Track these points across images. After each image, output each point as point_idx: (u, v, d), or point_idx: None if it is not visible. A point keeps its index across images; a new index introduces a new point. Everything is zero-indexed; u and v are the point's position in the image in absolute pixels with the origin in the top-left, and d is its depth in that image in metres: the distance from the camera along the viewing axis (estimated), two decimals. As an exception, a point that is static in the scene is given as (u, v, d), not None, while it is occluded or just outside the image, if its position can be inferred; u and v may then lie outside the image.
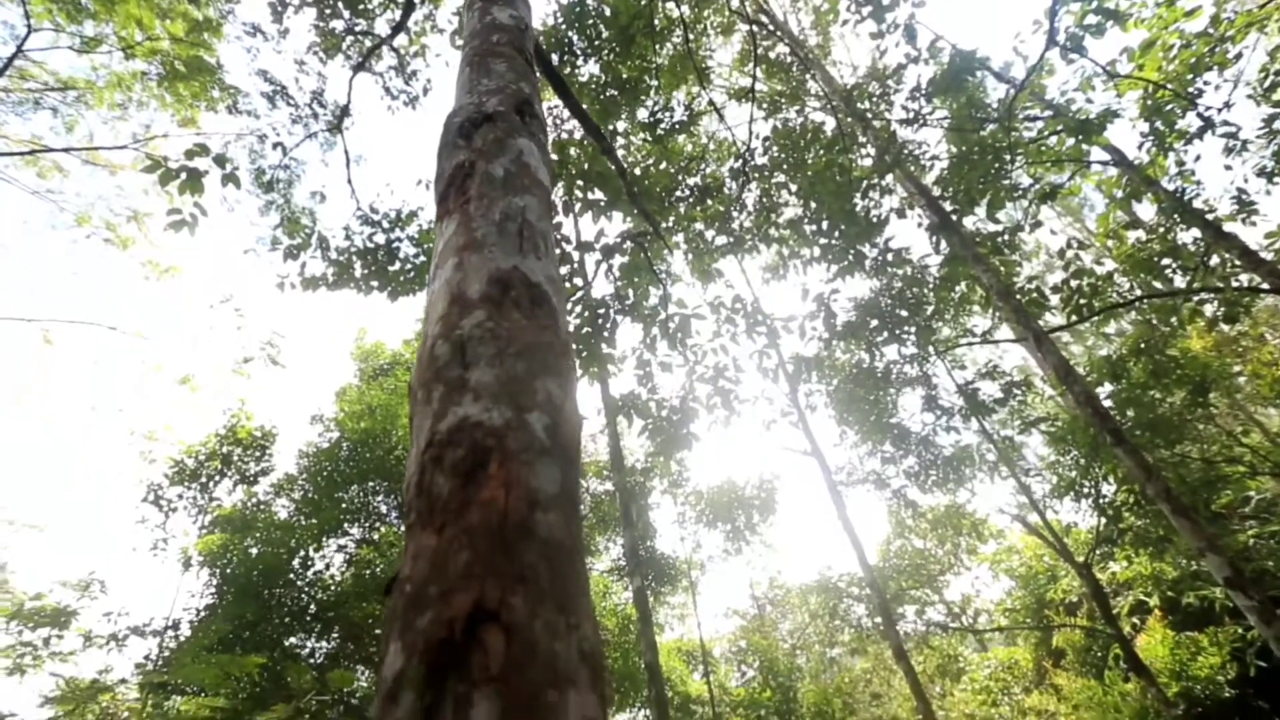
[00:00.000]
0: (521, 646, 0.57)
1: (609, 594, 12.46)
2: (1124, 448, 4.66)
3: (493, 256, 1.00)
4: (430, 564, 0.64)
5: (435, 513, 0.69)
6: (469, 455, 0.73)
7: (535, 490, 0.70)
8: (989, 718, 12.29)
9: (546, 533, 0.68)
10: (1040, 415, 9.73)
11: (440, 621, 0.58)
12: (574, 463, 0.78)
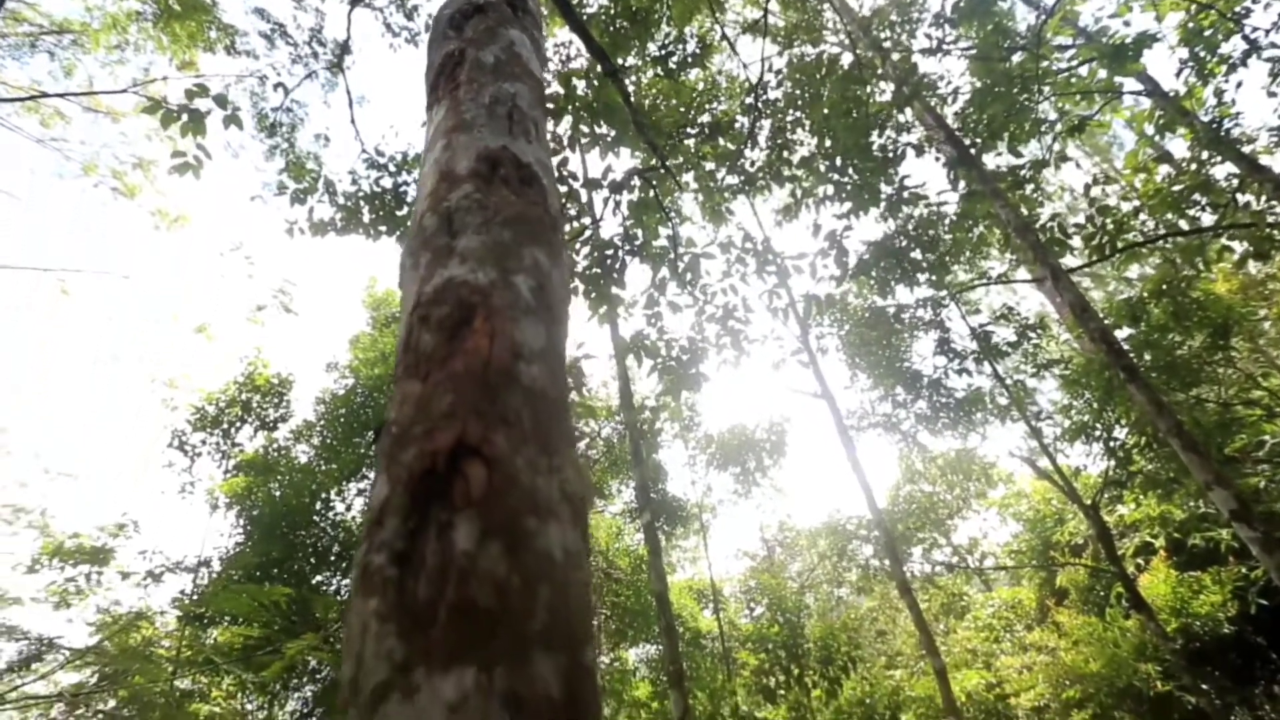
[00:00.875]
0: (502, 477, 0.58)
1: (622, 535, 12.79)
2: (1136, 384, 4.61)
3: (481, 137, 0.98)
4: (415, 407, 0.65)
5: (421, 364, 0.70)
6: (454, 311, 0.73)
7: (520, 343, 0.71)
8: (990, 652, 12.64)
9: (530, 382, 0.68)
10: (1054, 358, 9.62)
11: (424, 454, 0.59)
12: (560, 323, 0.78)
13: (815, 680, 11.69)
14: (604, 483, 12.24)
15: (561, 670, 0.49)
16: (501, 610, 0.50)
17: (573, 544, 0.59)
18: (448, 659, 0.47)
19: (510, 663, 0.47)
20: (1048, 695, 11.13)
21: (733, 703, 11.62)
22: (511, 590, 0.51)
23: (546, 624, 0.51)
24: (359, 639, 0.49)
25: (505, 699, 0.45)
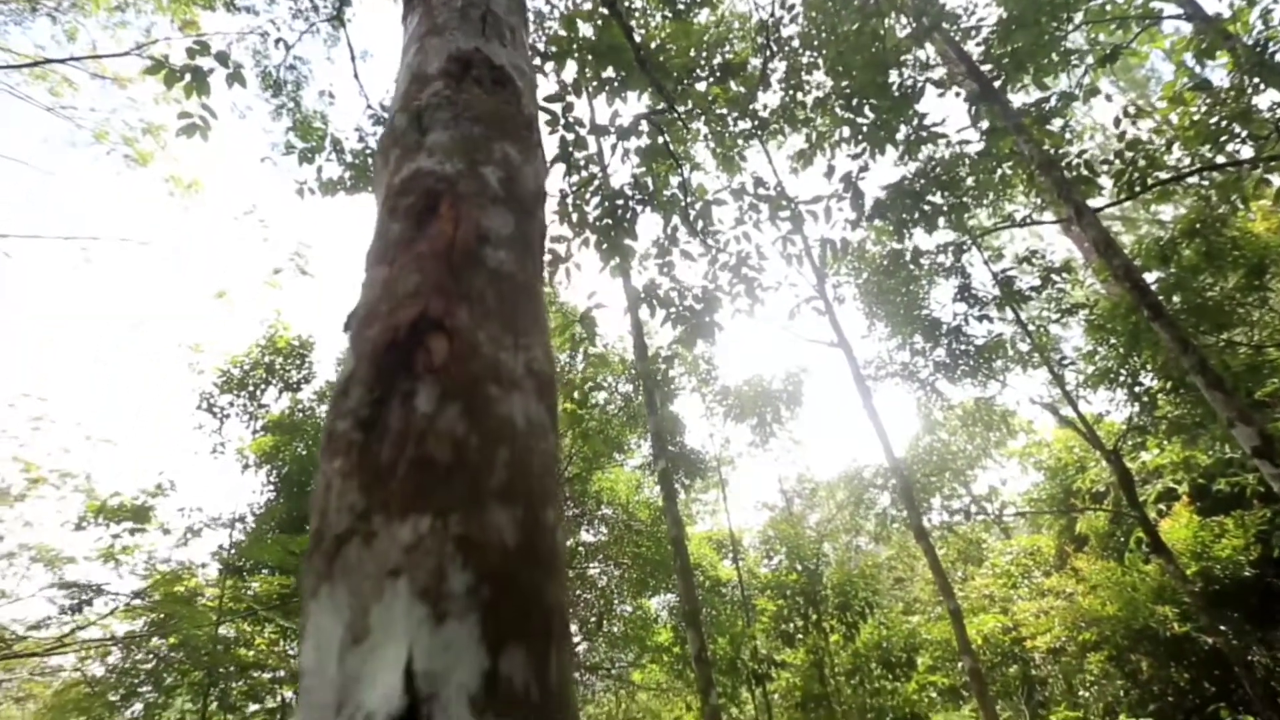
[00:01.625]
0: (463, 346, 0.59)
1: (641, 487, 13.02)
2: (1161, 322, 4.49)
3: (453, 39, 0.96)
4: (382, 288, 0.65)
5: (388, 251, 0.70)
6: (420, 200, 0.72)
7: (486, 228, 0.70)
8: (1007, 598, 12.78)
9: (496, 265, 0.68)
10: (1079, 302, 9.38)
11: (387, 328, 0.60)
12: (531, 217, 0.77)
13: (833, 625, 11.95)
14: (622, 437, 12.38)
15: (518, 522, 0.50)
16: (458, 464, 0.51)
17: (536, 415, 0.59)
18: (404, 508, 0.48)
19: (466, 511, 0.49)
20: (1064, 638, 11.27)
21: (752, 646, 11.96)
22: (469, 448, 0.52)
23: (505, 481, 0.52)
24: (323, 496, 0.51)
25: (459, 542, 0.47)
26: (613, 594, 13.83)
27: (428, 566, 0.45)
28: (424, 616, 0.43)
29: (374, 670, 0.42)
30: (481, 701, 0.41)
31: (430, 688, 0.41)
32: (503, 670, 0.43)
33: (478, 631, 0.43)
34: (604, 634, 14.24)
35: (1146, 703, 10.09)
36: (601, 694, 16.26)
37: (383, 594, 0.44)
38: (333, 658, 0.43)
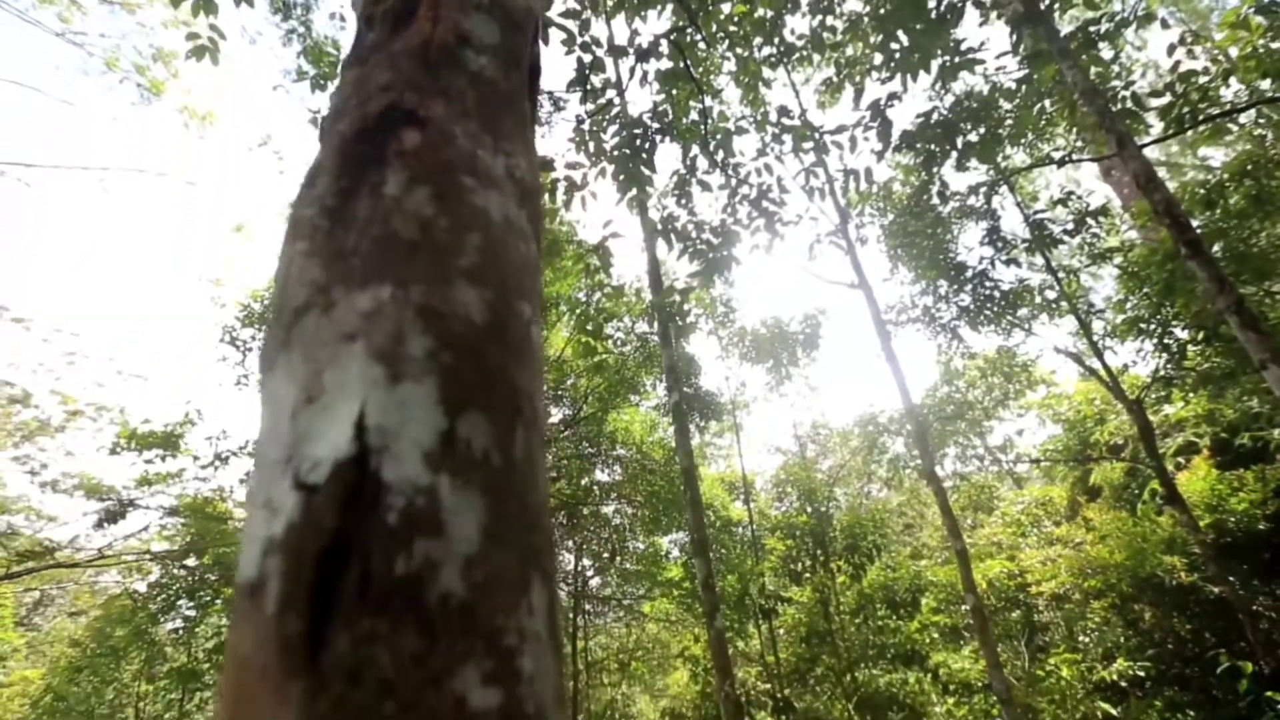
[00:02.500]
0: (438, 136, 0.55)
1: (656, 428, 13.16)
2: (1199, 260, 4.30)
3: None
4: (352, 86, 0.61)
5: (361, 55, 0.65)
6: (398, 4, 0.67)
7: (467, 31, 0.65)
8: (1015, 546, 12.89)
9: (478, 69, 0.63)
10: (1113, 246, 9.04)
11: (356, 119, 0.56)
12: (518, 29, 0.71)
13: (840, 566, 12.21)
14: (638, 378, 12.43)
15: (488, 303, 0.47)
16: (424, 242, 0.48)
17: (515, 217, 0.56)
18: (366, 279, 0.46)
19: (430, 284, 0.46)
20: (1068, 585, 11.39)
21: (760, 583, 12.29)
22: (437, 228, 0.49)
23: (476, 264, 0.49)
24: (284, 276, 0.49)
25: (420, 310, 0.44)
26: (626, 531, 14.21)
27: (386, 330, 0.43)
28: (379, 376, 0.41)
29: (325, 426, 0.40)
30: (436, 458, 0.39)
31: (381, 441, 0.39)
32: (461, 432, 0.41)
33: (435, 394, 0.41)
34: (616, 568, 14.72)
35: (1145, 649, 10.25)
36: (613, 624, 16.93)
37: (338, 357, 0.42)
38: (285, 418, 0.41)
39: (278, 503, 0.38)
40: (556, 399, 14.05)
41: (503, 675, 0.34)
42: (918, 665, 11.90)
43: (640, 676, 16.23)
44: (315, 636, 0.33)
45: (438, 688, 0.32)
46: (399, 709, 0.31)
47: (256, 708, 0.32)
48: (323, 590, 0.34)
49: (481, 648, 0.34)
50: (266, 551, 0.36)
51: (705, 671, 12.38)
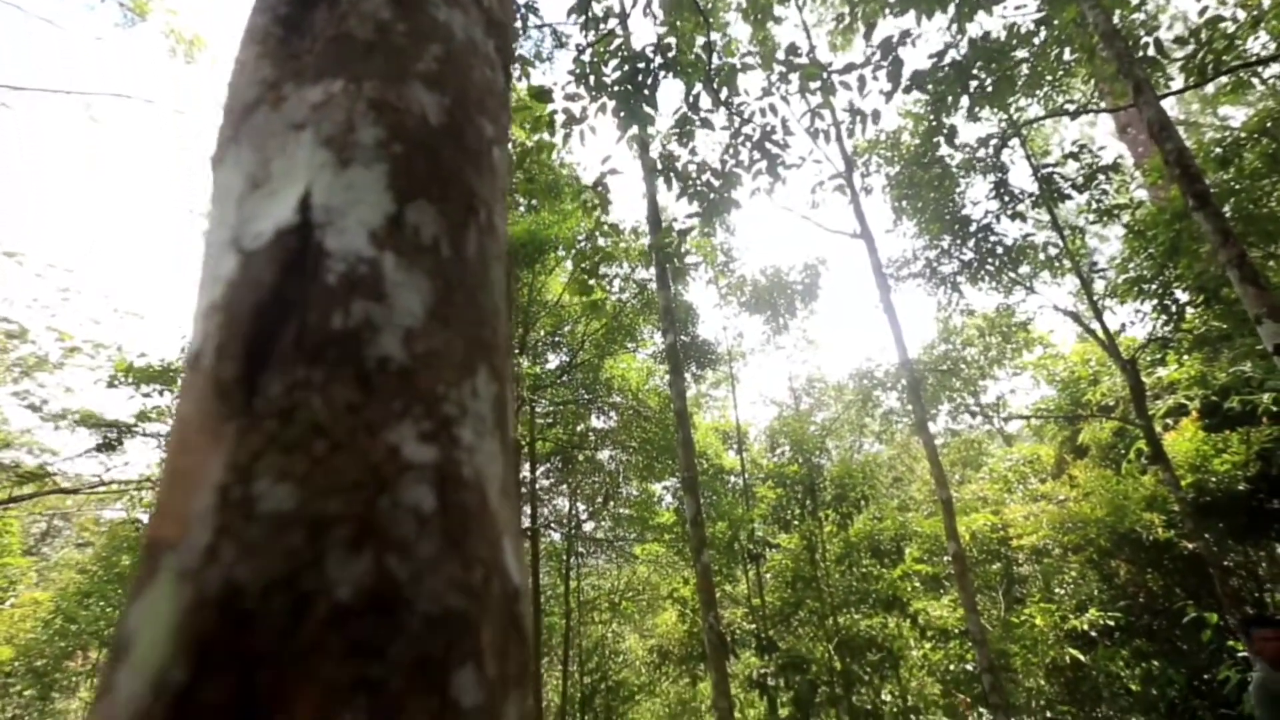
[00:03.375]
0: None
1: (652, 375, 13.24)
2: (1206, 211, 4.24)
3: None
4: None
5: None
6: None
7: None
8: (1000, 501, 13.16)
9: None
10: (1122, 203, 8.90)
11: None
12: None
13: (828, 515, 12.49)
14: (635, 325, 12.42)
15: (445, 108, 0.46)
16: (381, 42, 0.46)
17: (481, 42, 0.53)
18: (318, 74, 0.44)
19: (384, 80, 0.44)
20: (1049, 540, 11.70)
21: (749, 530, 12.59)
22: (395, 31, 0.47)
23: (433, 71, 0.47)
24: (236, 78, 0.47)
25: (372, 103, 0.43)
26: (619, 477, 14.46)
27: (336, 119, 0.41)
28: (327, 160, 0.40)
29: (270, 208, 0.39)
30: (382, 237, 0.38)
31: (326, 218, 0.38)
32: (409, 218, 0.40)
33: (384, 181, 0.40)
34: (610, 513, 15.05)
35: (1117, 602, 10.60)
36: (605, 566, 17.43)
37: (286, 146, 0.41)
38: (232, 205, 0.41)
39: (219, 272, 0.38)
40: (553, 345, 14.07)
41: (440, 437, 0.35)
42: (898, 611, 12.31)
43: (630, 616, 16.79)
44: (250, 384, 0.33)
45: (371, 435, 0.32)
46: (330, 448, 0.31)
47: (194, 455, 0.32)
48: (259, 344, 0.34)
49: (420, 410, 0.34)
50: (207, 315, 0.36)
51: (693, 611, 12.82)
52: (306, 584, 0.28)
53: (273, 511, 0.29)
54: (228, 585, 0.28)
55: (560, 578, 15.32)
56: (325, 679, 0.27)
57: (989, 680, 6.52)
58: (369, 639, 0.28)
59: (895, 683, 12.39)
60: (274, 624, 0.27)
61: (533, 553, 12.89)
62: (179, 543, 0.30)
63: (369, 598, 0.29)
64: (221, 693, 0.26)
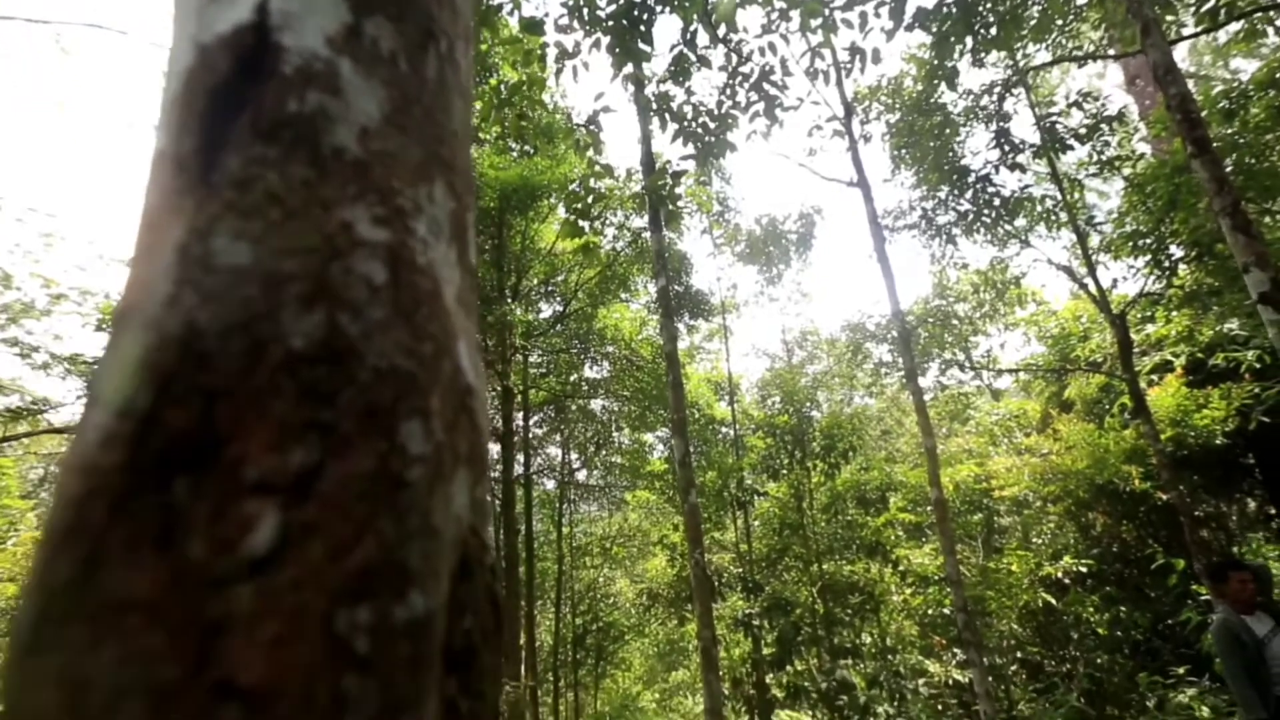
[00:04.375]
0: None
1: (645, 325, 13.27)
2: (1204, 159, 4.20)
3: None
4: None
5: None
6: None
7: None
8: (985, 454, 13.44)
9: None
10: (1123, 155, 8.79)
11: None
12: None
13: (816, 465, 12.75)
14: (629, 274, 12.36)
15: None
16: None
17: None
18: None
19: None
20: (1029, 491, 12.00)
21: (739, 478, 12.86)
22: None
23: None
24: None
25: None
26: (612, 426, 14.65)
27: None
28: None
29: (228, 13, 0.39)
30: (339, 43, 0.39)
31: (283, 21, 0.39)
32: (367, 30, 0.41)
33: (342, -3, 0.40)
34: (602, 460, 15.30)
35: (1092, 550, 10.97)
36: (598, 514, 17.83)
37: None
38: (192, 13, 0.41)
39: (178, 67, 0.38)
40: (547, 294, 14.01)
41: (393, 223, 0.36)
42: (881, 557, 12.72)
43: (621, 561, 17.26)
44: (208, 158, 0.34)
45: (325, 210, 0.34)
46: (285, 215, 0.33)
47: (156, 230, 0.34)
48: (217, 123, 0.35)
49: (374, 198, 0.36)
50: (168, 110, 0.37)
51: (681, 556, 13.20)
52: (262, 332, 0.30)
53: (230, 265, 0.31)
54: (188, 327, 0.30)
55: (553, 525, 15.68)
56: (280, 417, 0.30)
57: (963, 619, 6.80)
58: (321, 385, 0.30)
59: (875, 625, 12.91)
60: (231, 364, 0.30)
61: (526, 500, 13.15)
62: (143, 301, 0.32)
63: (321, 348, 0.31)
64: (183, 419, 0.29)
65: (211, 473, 0.28)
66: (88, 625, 0.25)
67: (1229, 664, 4.75)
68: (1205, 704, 6.99)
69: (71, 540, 0.27)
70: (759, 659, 12.39)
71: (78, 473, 0.28)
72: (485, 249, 12.99)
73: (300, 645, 0.26)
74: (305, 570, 0.28)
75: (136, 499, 0.27)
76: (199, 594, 0.26)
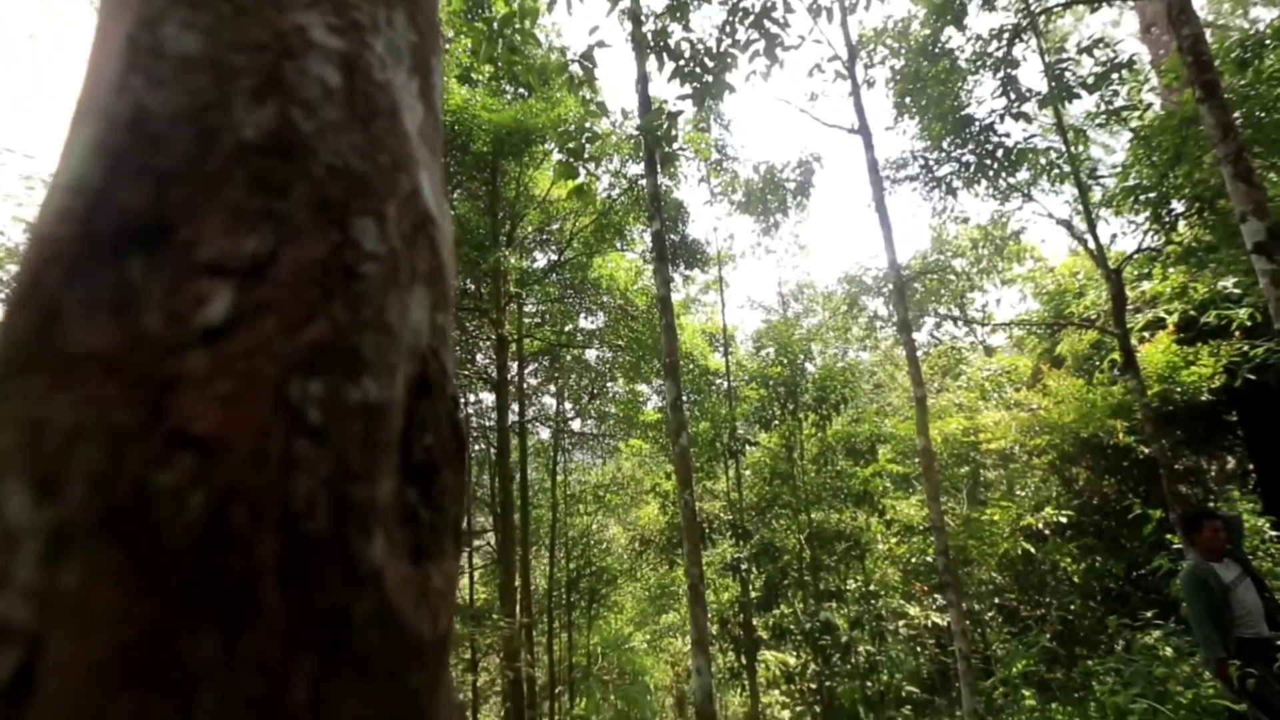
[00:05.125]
0: None
1: (641, 275, 13.18)
2: (1211, 103, 4.12)
3: None
4: None
5: None
6: None
7: None
8: (975, 408, 13.61)
9: None
10: (1131, 104, 8.61)
11: None
12: None
13: (808, 416, 12.91)
14: (625, 223, 12.21)
15: None
16: None
17: None
18: None
19: None
20: (1016, 444, 12.23)
21: (731, 428, 13.03)
22: None
23: None
24: None
25: None
26: (606, 376, 14.73)
27: None
28: None
29: None
30: None
31: None
32: None
33: None
34: (596, 410, 15.44)
35: (1072, 500, 11.26)
36: (591, 463, 18.11)
37: None
38: None
39: None
40: (541, 243, 13.85)
41: (349, 34, 0.36)
42: (868, 507, 13.03)
43: (614, 509, 17.62)
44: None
45: (278, 11, 0.34)
46: (235, 11, 0.33)
47: (109, 24, 0.34)
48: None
49: (328, 7, 0.35)
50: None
51: (672, 503, 13.48)
52: (213, 120, 0.31)
53: (179, 53, 0.31)
54: (137, 109, 0.30)
55: (548, 473, 15.94)
56: (233, 204, 0.30)
57: (943, 563, 7.03)
58: (274, 175, 0.31)
59: (860, 571, 13.33)
60: (183, 149, 0.30)
61: (521, 449, 13.32)
62: (95, 90, 0.32)
63: (273, 139, 0.31)
64: (135, 198, 0.29)
65: (166, 253, 0.29)
66: (46, 374, 0.26)
67: (1194, 607, 4.96)
68: (1169, 645, 7.30)
69: (31, 300, 0.27)
70: (746, 602, 12.83)
71: (36, 244, 0.29)
72: (479, 195, 12.75)
73: (252, 404, 0.27)
74: (258, 341, 0.28)
75: (92, 268, 0.28)
76: (153, 355, 0.27)
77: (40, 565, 0.24)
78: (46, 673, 0.24)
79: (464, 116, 10.62)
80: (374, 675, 0.28)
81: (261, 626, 0.25)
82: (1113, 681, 7.19)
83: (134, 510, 0.25)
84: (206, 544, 0.25)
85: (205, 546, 0.25)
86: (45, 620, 0.24)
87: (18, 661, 0.24)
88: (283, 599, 0.25)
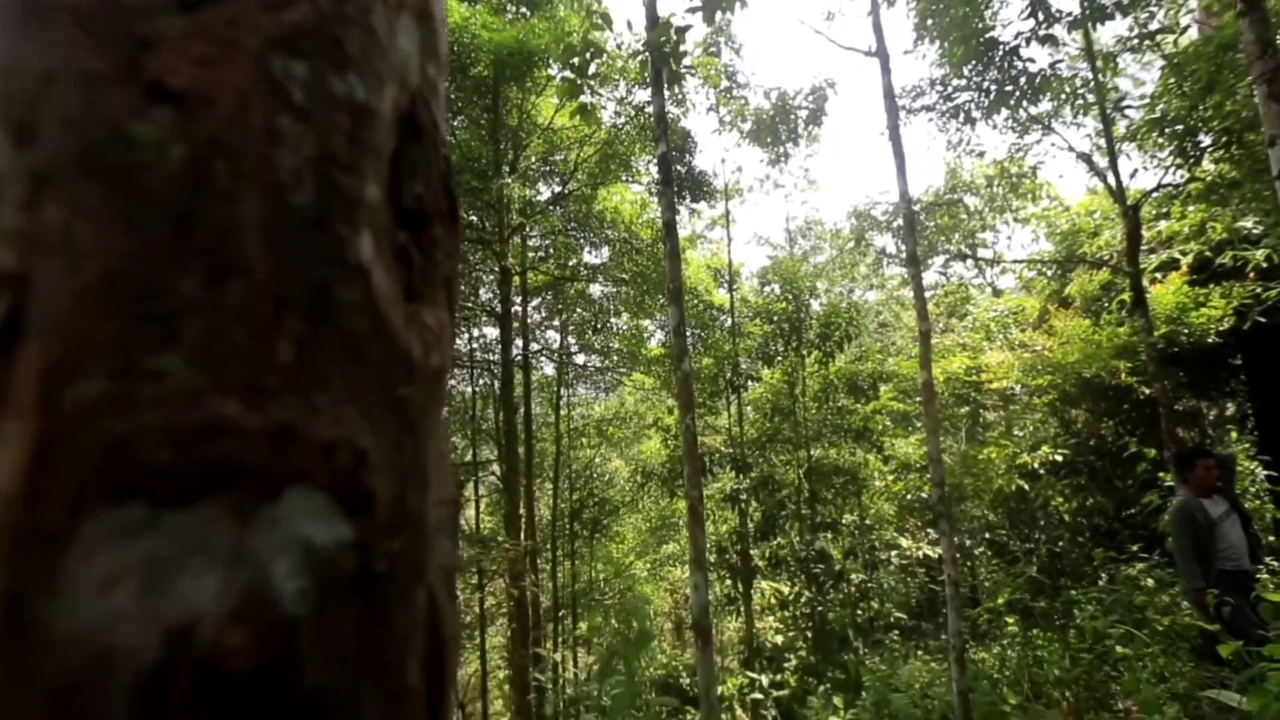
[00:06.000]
0: None
1: (646, 208, 12.93)
2: (1253, 16, 3.90)
3: None
4: None
5: None
6: None
7: None
8: (979, 348, 13.60)
9: None
10: (1167, 26, 8.17)
11: None
12: None
13: (811, 352, 12.94)
14: (631, 153, 11.88)
15: None
16: None
17: None
18: None
19: None
20: (1018, 385, 12.27)
21: (734, 363, 13.10)
22: None
23: None
24: None
25: None
26: (610, 310, 14.69)
27: None
28: None
29: None
30: None
31: None
32: None
33: None
34: (600, 344, 15.49)
35: (1069, 440, 11.39)
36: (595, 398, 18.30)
37: None
38: None
39: None
40: (545, 174, 13.53)
41: None
42: (867, 443, 13.23)
43: (617, 443, 17.93)
44: None
45: None
46: None
47: None
48: None
49: None
50: None
51: (675, 437, 13.71)
52: None
53: None
54: None
55: (551, 407, 16.13)
56: None
57: (938, 494, 7.17)
58: None
59: (856, 505, 13.66)
60: None
61: (525, 383, 13.44)
62: None
63: None
64: None
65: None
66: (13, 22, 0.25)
67: (1179, 539, 5.11)
68: (1151, 576, 7.55)
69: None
70: (744, 532, 13.22)
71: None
72: (481, 122, 12.37)
73: (232, 68, 0.26)
74: (237, 12, 0.27)
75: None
76: (126, 15, 0.26)
77: (23, 208, 0.24)
78: (34, 311, 0.24)
79: (463, 37, 10.17)
80: (362, 362, 0.28)
81: (246, 278, 0.25)
82: (1093, 609, 7.46)
83: (113, 151, 0.24)
84: (189, 193, 0.25)
85: (188, 195, 0.25)
86: (31, 260, 0.24)
87: (9, 305, 0.24)
88: (267, 256, 0.25)
